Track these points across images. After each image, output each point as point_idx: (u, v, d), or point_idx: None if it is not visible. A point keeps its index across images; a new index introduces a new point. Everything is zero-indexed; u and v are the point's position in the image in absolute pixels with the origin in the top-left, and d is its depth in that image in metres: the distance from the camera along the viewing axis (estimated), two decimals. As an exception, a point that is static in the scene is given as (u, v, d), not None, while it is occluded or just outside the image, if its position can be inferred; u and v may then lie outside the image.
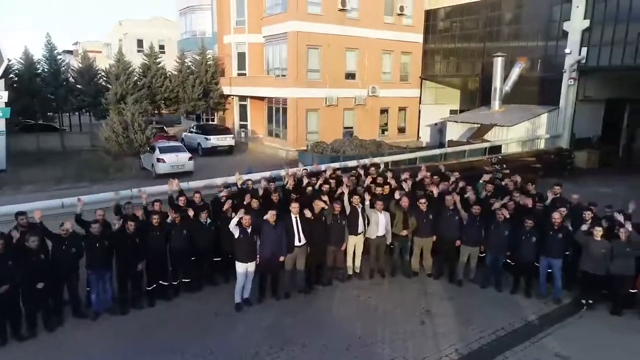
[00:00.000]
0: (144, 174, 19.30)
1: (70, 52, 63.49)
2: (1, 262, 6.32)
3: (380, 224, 8.83)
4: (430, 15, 27.81)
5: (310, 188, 9.63)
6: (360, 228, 8.80)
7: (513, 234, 8.37)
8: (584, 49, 20.48)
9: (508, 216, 8.48)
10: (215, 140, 24.05)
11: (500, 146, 19.72)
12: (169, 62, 32.43)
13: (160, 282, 7.94)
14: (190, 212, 8.08)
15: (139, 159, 19.70)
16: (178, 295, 8.18)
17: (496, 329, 7.30)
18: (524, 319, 7.67)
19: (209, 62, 28.71)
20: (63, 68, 26.03)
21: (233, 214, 7.83)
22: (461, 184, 10.29)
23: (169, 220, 7.86)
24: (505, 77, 22.88)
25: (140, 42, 54.04)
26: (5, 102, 18.78)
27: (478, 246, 8.81)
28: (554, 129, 21.70)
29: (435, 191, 9.54)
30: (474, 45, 25.71)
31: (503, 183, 11.02)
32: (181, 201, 8.60)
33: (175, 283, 8.15)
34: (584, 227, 7.85)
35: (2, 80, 19.05)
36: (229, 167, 20.95)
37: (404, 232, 8.87)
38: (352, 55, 25.66)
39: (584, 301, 8.06)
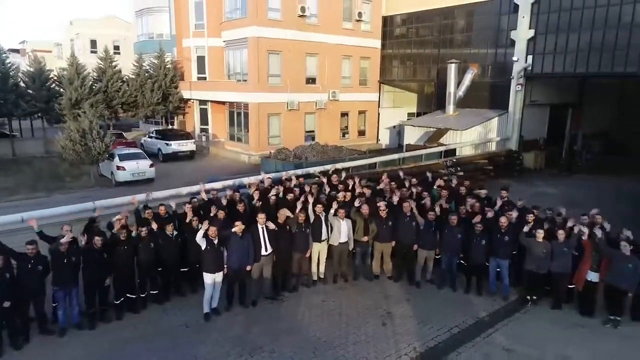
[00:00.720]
0: (103, 181, 18.94)
1: (16, 50, 60.56)
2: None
3: (342, 231, 9.26)
4: (387, 21, 28.65)
5: (274, 197, 9.95)
6: (324, 235, 9.21)
7: (465, 237, 9.02)
8: (530, 57, 21.80)
9: (464, 219, 9.16)
10: (176, 146, 23.83)
11: (454, 149, 20.67)
12: (125, 64, 31.74)
13: (128, 295, 8.03)
14: (154, 225, 8.20)
15: (97, 167, 19.29)
16: (146, 307, 8.29)
17: (451, 327, 7.89)
18: (475, 316, 8.32)
19: (167, 66, 28.31)
20: (12, 72, 24.96)
21: (200, 225, 8.03)
22: (418, 189, 10.93)
23: (134, 234, 7.96)
24: (458, 83, 23.96)
25: (93, 43, 52.39)
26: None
27: (434, 249, 9.41)
28: (504, 132, 22.95)
29: (394, 198, 10.09)
30: (429, 51, 26.73)
31: (453, 183, 11.65)
32: (148, 214, 8.70)
33: (143, 295, 8.26)
34: (526, 229, 8.58)
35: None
36: (191, 173, 20.96)
37: (365, 238, 9.35)
38: (313, 60, 26.08)
39: (528, 297, 8.82)
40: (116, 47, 53.59)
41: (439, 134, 22.08)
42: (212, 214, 8.80)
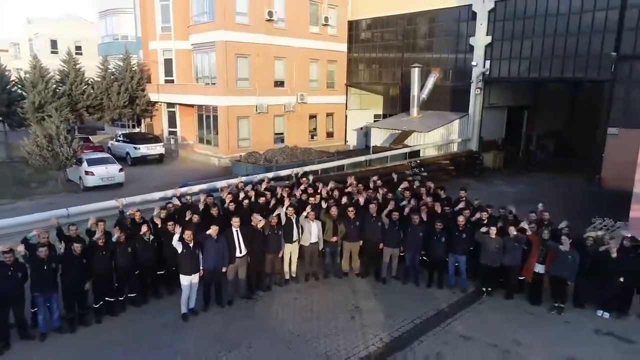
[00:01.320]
0: (70, 187, 18.77)
1: (-34, 48, 57.97)
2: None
3: (312, 232, 9.80)
4: (353, 25, 29.40)
5: (247, 201, 10.40)
6: (295, 236, 9.72)
7: (426, 235, 9.74)
8: (488, 62, 22.99)
9: (425, 219, 9.87)
10: (145, 149, 23.77)
11: (418, 150, 21.58)
12: (88, 65, 31.18)
13: (107, 298, 8.31)
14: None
15: (64, 172, 19.07)
16: (125, 310, 8.58)
17: (413, 318, 8.56)
18: (436, 308, 9.03)
19: (133, 68, 28.07)
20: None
21: (176, 229, 8.36)
22: (384, 191, 11.61)
23: (114, 239, 8.24)
24: (421, 86, 24.93)
25: (54, 43, 51.02)
26: None
27: (398, 247, 10.09)
28: (464, 133, 24.09)
29: (361, 199, 10.72)
30: (394, 55, 27.64)
31: (416, 186, 12.40)
32: (127, 220, 9.00)
33: (122, 298, 8.54)
34: (484, 229, 9.35)
35: None
36: (162, 176, 21.03)
37: (334, 239, 9.93)
38: (281, 64, 26.51)
39: (484, 289, 9.61)
40: (78, 48, 52.22)
41: (404, 135, 22.97)
42: (187, 219, 9.16)
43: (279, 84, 26.64)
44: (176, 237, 8.18)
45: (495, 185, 20.42)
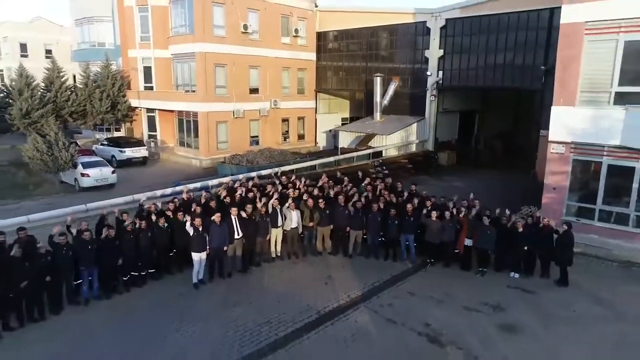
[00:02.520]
0: (65, 188, 20.45)
1: None
2: (18, 264, 8.52)
3: (293, 219, 12.27)
4: (321, 36, 31.95)
5: (239, 195, 12.77)
6: (279, 223, 12.16)
7: (383, 220, 12.36)
8: (441, 72, 26.01)
9: (382, 207, 12.50)
10: (130, 153, 25.55)
11: (381, 151, 24.34)
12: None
13: (132, 273, 10.51)
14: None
15: (58, 174, 20.72)
16: (146, 282, 10.79)
17: (373, 281, 11.16)
18: (390, 274, 11.66)
19: (115, 75, 29.62)
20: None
21: (185, 218, 10.70)
22: (350, 186, 14.22)
23: (137, 226, 10.47)
24: (383, 93, 27.75)
25: (23, 47, 51.15)
26: None
27: (361, 230, 12.67)
28: (422, 135, 27.05)
29: (331, 192, 13.27)
30: (359, 64, 30.36)
31: (376, 184, 15.07)
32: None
33: (144, 273, 10.76)
34: (425, 212, 12.08)
35: None
36: (150, 177, 22.99)
37: (311, 224, 12.43)
38: (255, 72, 28.76)
39: (428, 260, 12.33)
40: (48, 51, 52.68)
41: (368, 138, 25.71)
42: (192, 210, 11.46)
43: (254, 90, 28.88)
44: (188, 223, 10.48)
45: (448, 181, 23.37)
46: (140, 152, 26.16)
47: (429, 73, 26.30)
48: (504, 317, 9.63)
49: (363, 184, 14.70)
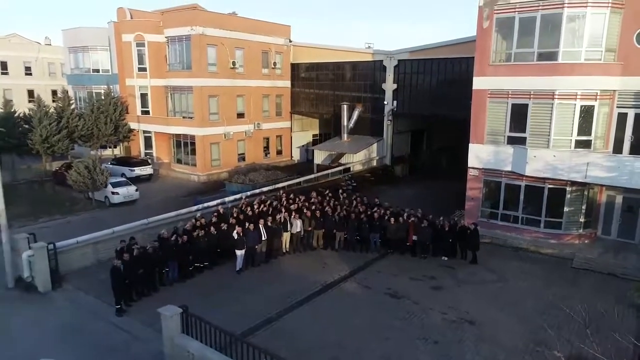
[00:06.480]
0: (97, 204, 25.00)
1: None
2: (130, 265, 13.69)
3: (297, 225, 17.92)
4: (295, 67, 37.62)
5: (257, 208, 18.32)
6: (288, 228, 17.77)
7: (358, 224, 18.19)
8: (395, 102, 32.31)
9: (356, 216, 18.35)
10: (139, 171, 30.19)
11: (349, 167, 30.29)
12: (36, 84, 35.70)
13: (195, 264, 15.81)
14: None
15: (88, 193, 25.21)
16: (203, 272, 16.09)
17: (353, 266, 16.97)
18: (364, 261, 17.52)
19: (115, 102, 33.92)
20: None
21: (228, 226, 16.15)
22: (330, 195, 20.10)
23: (196, 233, 15.81)
24: (349, 117, 33.74)
25: (4, 64, 53.32)
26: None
27: (343, 232, 18.45)
28: (381, 152, 33.26)
29: (325, 205, 19.03)
30: (327, 91, 36.24)
31: (353, 198, 20.96)
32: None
33: (202, 265, 16.07)
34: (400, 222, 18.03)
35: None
36: (162, 192, 27.82)
37: (309, 228, 18.12)
38: (241, 100, 34.07)
39: (389, 251, 18.28)
40: (28, 69, 55.51)
41: (339, 156, 31.62)
42: (230, 222, 16.88)
43: (240, 115, 34.19)
44: (234, 232, 15.91)
45: (402, 189, 29.67)
46: (147, 170, 30.85)
47: (385, 102, 32.55)
48: (435, 283, 15.71)
49: (341, 198, 20.57)
